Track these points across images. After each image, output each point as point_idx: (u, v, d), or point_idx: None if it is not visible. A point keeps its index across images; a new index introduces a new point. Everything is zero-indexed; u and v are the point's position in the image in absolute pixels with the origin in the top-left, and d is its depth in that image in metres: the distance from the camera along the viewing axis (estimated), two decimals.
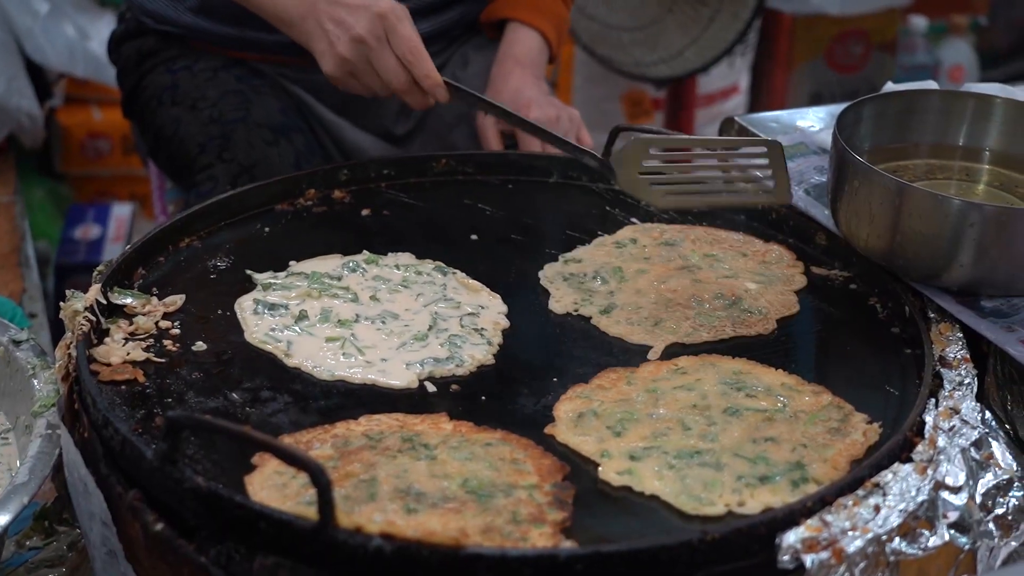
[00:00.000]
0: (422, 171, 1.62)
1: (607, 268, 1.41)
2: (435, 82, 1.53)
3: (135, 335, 1.25)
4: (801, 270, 1.43)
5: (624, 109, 3.47)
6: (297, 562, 0.95)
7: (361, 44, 1.52)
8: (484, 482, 1.04)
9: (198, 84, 1.80)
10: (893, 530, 1.00)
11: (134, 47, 1.90)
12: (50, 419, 1.20)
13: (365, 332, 1.28)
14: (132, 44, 1.90)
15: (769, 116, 1.78)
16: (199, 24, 1.82)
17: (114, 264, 1.31)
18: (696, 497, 1.04)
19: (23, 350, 1.31)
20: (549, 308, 1.35)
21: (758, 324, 1.32)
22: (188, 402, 1.15)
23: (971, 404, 1.16)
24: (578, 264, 1.43)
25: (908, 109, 1.49)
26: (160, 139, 1.84)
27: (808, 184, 1.53)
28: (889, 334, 1.31)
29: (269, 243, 1.45)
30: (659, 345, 1.28)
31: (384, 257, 1.42)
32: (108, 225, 2.95)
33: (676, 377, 1.21)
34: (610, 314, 1.33)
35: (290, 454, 0.93)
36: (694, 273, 1.40)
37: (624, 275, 1.40)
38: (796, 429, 1.14)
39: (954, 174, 1.48)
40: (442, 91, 1.53)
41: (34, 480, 1.13)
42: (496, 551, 0.93)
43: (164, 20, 1.84)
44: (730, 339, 1.30)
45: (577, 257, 1.44)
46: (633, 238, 1.48)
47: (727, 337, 1.30)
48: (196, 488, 0.98)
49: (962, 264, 1.28)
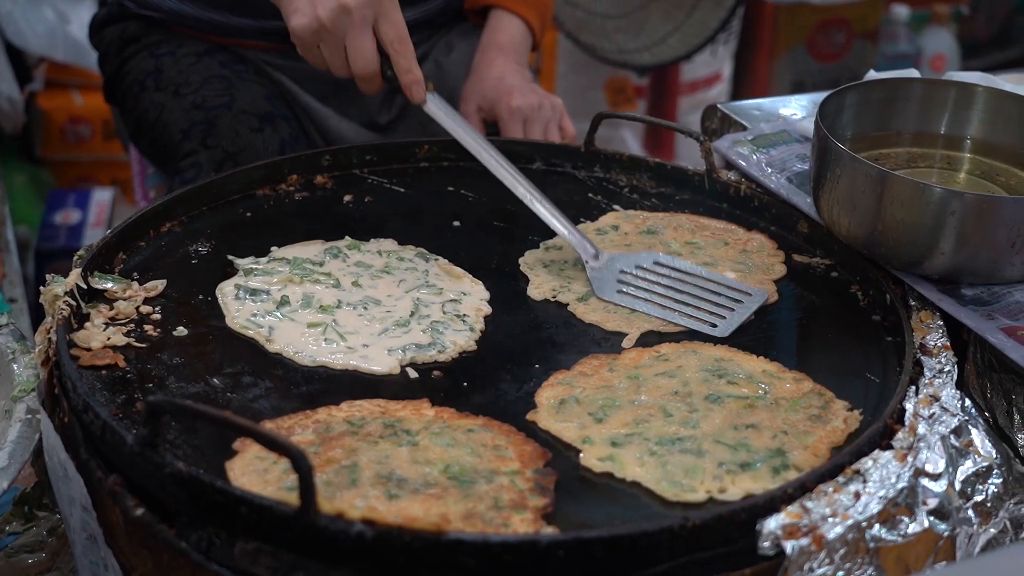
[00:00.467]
0: (405, 157, 1.62)
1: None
2: (416, 78, 1.49)
3: (116, 320, 1.24)
4: (782, 259, 1.43)
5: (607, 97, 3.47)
6: (278, 547, 0.95)
7: (346, 15, 1.46)
8: (466, 468, 1.04)
9: (181, 69, 1.79)
10: (873, 517, 1.01)
11: (116, 32, 1.88)
12: (30, 404, 1.20)
13: (347, 318, 1.28)
14: (114, 28, 1.89)
15: (752, 104, 1.78)
16: (183, 9, 1.81)
17: (95, 249, 1.31)
18: (677, 483, 1.05)
19: (3, 335, 1.30)
20: (528, 294, 1.35)
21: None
22: (169, 387, 1.15)
23: (951, 392, 1.17)
24: (558, 251, 1.43)
25: (890, 97, 1.49)
26: (143, 124, 1.83)
27: (790, 172, 1.53)
28: (870, 322, 1.32)
29: (251, 228, 1.44)
30: (634, 332, 1.28)
31: (366, 243, 1.42)
32: (88, 210, 2.94)
33: (658, 364, 1.22)
34: (587, 301, 1.33)
35: (271, 439, 0.93)
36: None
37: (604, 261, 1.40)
38: (777, 416, 1.14)
39: (936, 162, 1.48)
40: (420, 89, 1.50)
41: (14, 465, 1.13)
42: (478, 536, 0.93)
43: (147, 5, 1.83)
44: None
45: (557, 244, 1.44)
46: (615, 225, 1.48)
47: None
48: (177, 473, 0.98)
49: (943, 252, 1.29)
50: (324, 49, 1.50)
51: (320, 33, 1.48)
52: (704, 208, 1.53)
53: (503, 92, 1.76)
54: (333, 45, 1.49)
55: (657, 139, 3.54)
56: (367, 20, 1.47)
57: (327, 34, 1.48)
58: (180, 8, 1.81)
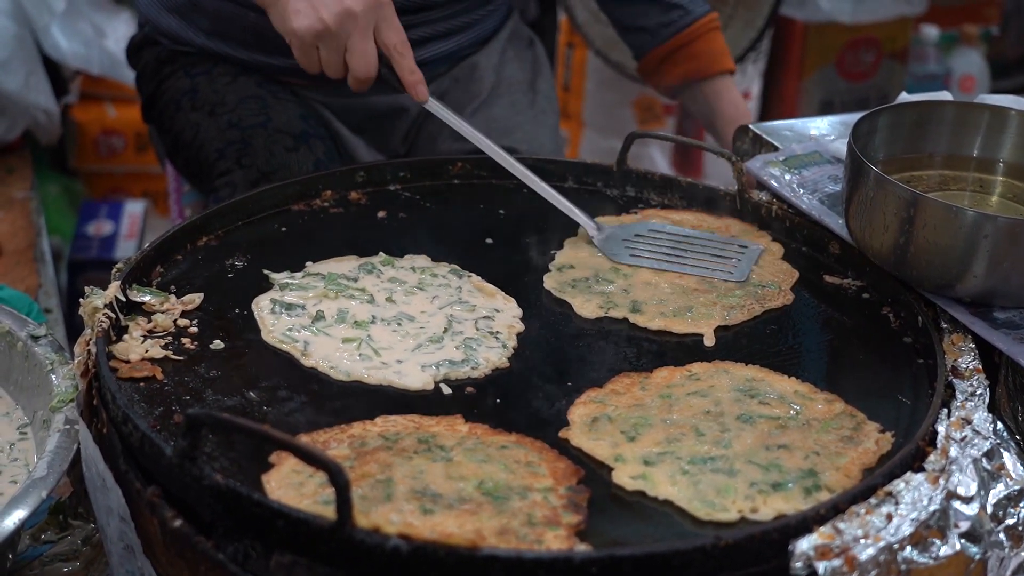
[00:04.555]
0: (438, 174, 1.63)
1: (603, 269, 1.43)
2: (420, 78, 1.52)
3: (153, 332, 1.26)
4: (769, 238, 1.50)
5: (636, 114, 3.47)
6: (314, 560, 0.96)
7: (351, 19, 1.47)
8: (499, 484, 1.05)
9: (217, 89, 1.80)
10: (905, 539, 1.01)
11: (152, 54, 1.90)
12: (68, 415, 1.21)
13: (381, 333, 1.29)
14: (151, 51, 1.91)
15: (783, 124, 1.79)
16: (213, 46, 1.83)
17: (133, 262, 1.32)
18: (709, 503, 1.05)
19: (41, 345, 1.32)
20: (578, 315, 1.35)
21: (779, 297, 1.39)
22: (206, 400, 1.16)
23: (983, 415, 1.17)
24: (572, 270, 1.44)
25: (923, 120, 1.49)
26: (179, 144, 1.84)
27: (822, 193, 1.53)
28: (902, 344, 1.32)
29: (286, 243, 1.46)
30: (708, 331, 1.32)
31: (400, 259, 1.43)
32: (121, 222, 2.97)
33: (690, 383, 1.22)
34: (641, 311, 1.35)
35: (309, 453, 0.94)
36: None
37: (624, 272, 1.42)
38: (809, 437, 1.14)
39: (968, 185, 1.49)
40: (423, 88, 1.53)
41: (52, 475, 1.14)
42: (512, 553, 0.94)
43: (179, 40, 1.85)
44: (762, 314, 1.36)
45: (566, 263, 1.45)
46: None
47: (760, 313, 1.36)
48: (215, 485, 0.99)
49: (975, 275, 1.29)
50: (323, 51, 1.50)
51: (323, 36, 1.48)
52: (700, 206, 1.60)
53: None
54: (334, 48, 1.49)
55: (686, 157, 3.54)
56: (370, 24, 1.49)
57: (330, 37, 1.48)
58: (209, 45, 1.82)
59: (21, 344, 1.33)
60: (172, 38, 1.85)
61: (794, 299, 1.39)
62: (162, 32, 1.87)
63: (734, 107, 1.94)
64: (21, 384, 1.33)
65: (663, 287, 1.40)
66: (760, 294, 1.39)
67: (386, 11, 1.50)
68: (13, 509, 1.09)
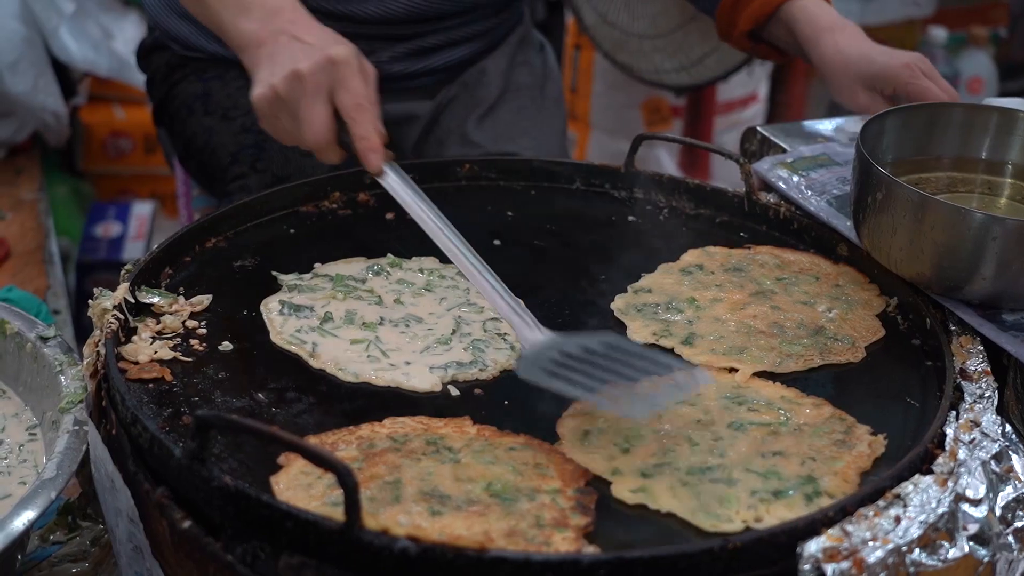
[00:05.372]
0: (445, 176, 1.63)
1: (680, 298, 1.38)
2: (371, 146, 1.35)
3: (162, 334, 1.26)
4: (877, 292, 1.40)
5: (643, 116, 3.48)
6: (322, 562, 0.96)
7: (297, 82, 1.34)
8: (508, 486, 1.05)
9: (230, 93, 1.80)
10: (913, 541, 1.01)
11: (163, 58, 1.90)
12: (77, 416, 1.22)
13: (389, 335, 1.29)
14: (162, 55, 1.91)
15: (791, 126, 1.79)
16: (225, 52, 1.82)
17: (142, 263, 1.33)
18: (713, 514, 1.04)
19: (50, 347, 1.32)
20: (628, 339, 1.30)
21: (847, 352, 1.29)
22: (215, 401, 1.17)
23: (992, 417, 1.17)
24: (648, 294, 1.40)
25: (931, 122, 1.49)
26: (191, 148, 1.84)
27: (830, 195, 1.53)
28: (910, 346, 1.32)
29: (294, 245, 1.46)
30: (746, 370, 1.25)
31: (408, 261, 1.43)
32: (129, 223, 2.97)
33: (675, 392, 1.20)
34: (692, 344, 1.30)
35: (318, 455, 0.94)
36: (770, 299, 1.38)
37: (699, 304, 1.37)
38: (802, 442, 1.14)
39: (976, 187, 1.48)
40: (376, 157, 1.35)
41: (61, 476, 1.15)
42: (520, 555, 0.94)
43: (189, 46, 1.84)
44: (820, 368, 1.27)
45: (646, 287, 1.41)
46: (699, 264, 1.45)
47: (817, 366, 1.27)
48: (224, 487, 0.99)
49: (984, 277, 1.29)
50: (283, 119, 1.38)
51: (276, 103, 1.37)
52: (745, 231, 1.54)
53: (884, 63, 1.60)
54: (289, 114, 1.37)
55: (693, 159, 3.54)
56: (320, 88, 1.34)
57: (282, 103, 1.36)
58: (223, 51, 1.82)
59: (30, 345, 1.33)
60: (183, 44, 1.85)
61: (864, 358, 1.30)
62: (172, 37, 1.87)
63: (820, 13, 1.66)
64: (30, 385, 1.33)
65: (730, 324, 1.33)
66: (827, 346, 1.30)
67: (341, 71, 1.35)
68: (22, 510, 1.10)
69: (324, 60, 1.34)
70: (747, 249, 1.49)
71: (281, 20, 1.42)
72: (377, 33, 1.80)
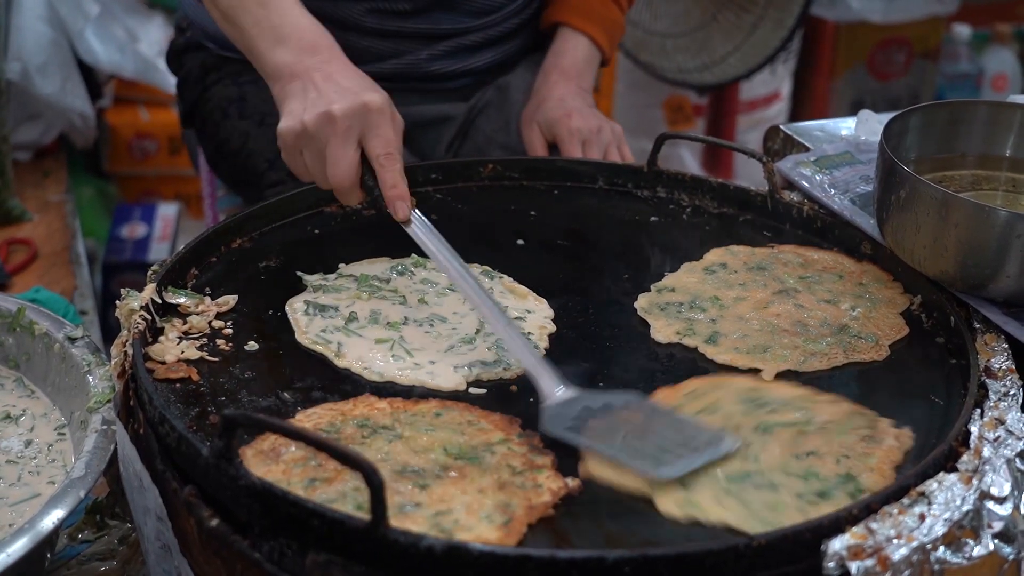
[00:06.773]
0: (469, 176, 1.64)
1: (703, 296, 1.38)
2: (400, 194, 1.37)
3: (189, 334, 1.27)
4: (900, 290, 1.40)
5: (666, 115, 3.48)
6: (349, 560, 0.97)
7: (329, 123, 1.36)
8: (464, 447, 1.09)
9: (266, 99, 1.78)
10: (938, 539, 1.01)
11: (197, 59, 1.90)
12: (105, 415, 1.23)
13: (413, 334, 1.30)
14: (195, 56, 1.90)
15: (814, 125, 1.79)
16: None
17: (168, 264, 1.34)
18: (767, 522, 1.03)
19: (78, 347, 1.33)
20: (652, 338, 1.32)
21: (870, 350, 1.29)
22: (241, 401, 1.18)
23: (1016, 415, 1.16)
24: (672, 293, 1.40)
25: (955, 120, 1.49)
26: (224, 152, 1.84)
27: (853, 193, 1.53)
28: (934, 344, 1.32)
29: (319, 245, 1.47)
30: (770, 369, 1.25)
31: (431, 261, 1.43)
32: (154, 224, 2.99)
33: (694, 401, 1.20)
34: (716, 343, 1.30)
35: (344, 453, 0.95)
36: (794, 297, 1.38)
37: (723, 303, 1.37)
38: (832, 440, 1.14)
39: (1000, 185, 1.48)
40: (404, 206, 1.37)
41: (90, 475, 1.15)
42: (545, 553, 0.94)
43: (226, 46, 1.84)
44: (844, 366, 1.27)
45: (669, 286, 1.41)
46: (722, 262, 1.46)
47: (842, 364, 1.27)
48: (251, 485, 1.00)
49: (1008, 275, 1.28)
50: (306, 155, 1.40)
51: (303, 138, 1.38)
52: (768, 229, 1.54)
53: (563, 114, 1.77)
54: (315, 152, 1.38)
55: (715, 158, 3.54)
56: (352, 131, 1.37)
57: (309, 140, 1.38)
58: None
59: (58, 345, 1.34)
60: (220, 43, 1.85)
61: (888, 356, 1.29)
62: (209, 37, 1.87)
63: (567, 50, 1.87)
64: (58, 385, 1.34)
65: (753, 323, 1.33)
66: (851, 344, 1.29)
67: (373, 118, 1.37)
68: (51, 509, 1.11)
69: (359, 105, 1.36)
70: (770, 248, 1.49)
71: (317, 58, 1.45)
72: (416, 31, 1.81)
